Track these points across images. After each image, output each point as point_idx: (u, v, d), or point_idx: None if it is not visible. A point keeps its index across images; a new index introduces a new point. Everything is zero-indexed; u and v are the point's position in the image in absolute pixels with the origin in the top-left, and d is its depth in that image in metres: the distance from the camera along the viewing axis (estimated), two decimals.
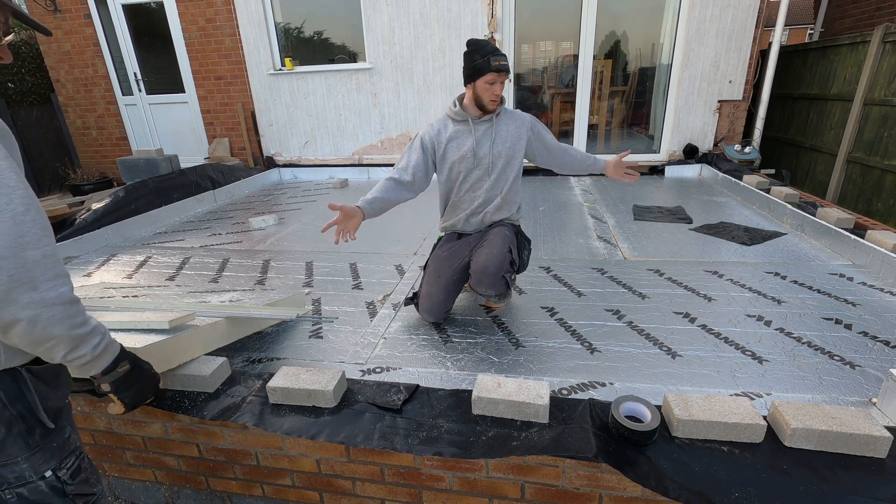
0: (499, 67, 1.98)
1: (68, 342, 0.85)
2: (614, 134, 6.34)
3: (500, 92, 2.06)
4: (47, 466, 0.92)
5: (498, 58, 1.99)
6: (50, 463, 0.92)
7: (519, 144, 2.17)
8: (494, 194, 2.22)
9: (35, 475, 0.90)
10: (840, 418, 1.30)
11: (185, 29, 6.04)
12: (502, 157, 2.15)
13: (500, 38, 5.34)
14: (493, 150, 2.14)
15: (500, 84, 2.03)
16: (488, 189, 2.20)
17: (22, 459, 0.88)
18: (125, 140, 6.85)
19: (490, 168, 2.17)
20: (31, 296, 0.76)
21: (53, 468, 0.92)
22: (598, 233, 3.54)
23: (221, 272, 3.07)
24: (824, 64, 5.31)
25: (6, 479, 0.88)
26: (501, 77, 2.01)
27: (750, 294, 2.46)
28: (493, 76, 1.99)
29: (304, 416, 1.53)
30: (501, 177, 2.19)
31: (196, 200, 4.78)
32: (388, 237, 3.58)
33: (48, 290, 0.78)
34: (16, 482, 0.88)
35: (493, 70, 1.98)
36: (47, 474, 0.91)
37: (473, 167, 2.18)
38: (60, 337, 0.83)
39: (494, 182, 2.19)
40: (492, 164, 2.16)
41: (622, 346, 2.04)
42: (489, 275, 2.07)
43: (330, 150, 6.27)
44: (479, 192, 2.22)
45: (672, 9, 5.19)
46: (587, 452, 1.28)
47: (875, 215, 4.43)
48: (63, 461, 0.94)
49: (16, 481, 0.88)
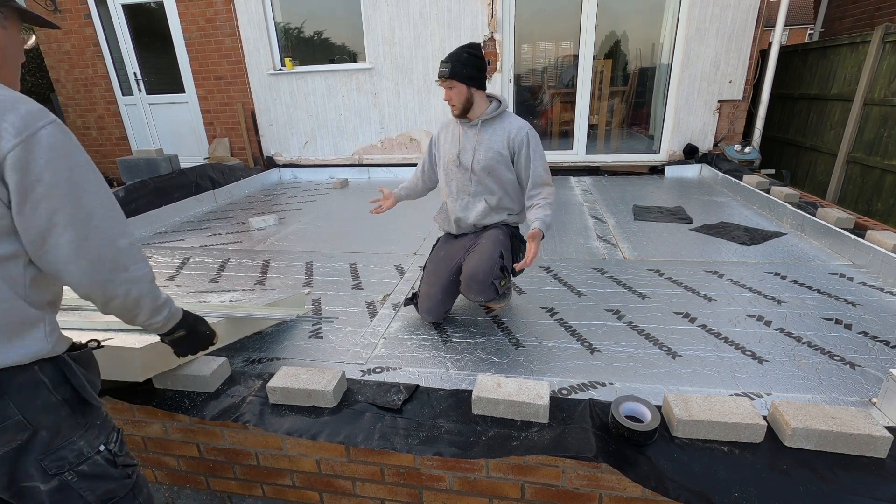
0: (438, 74, 2.00)
1: (148, 311, 1.04)
2: (614, 134, 6.34)
3: (450, 97, 2.03)
4: (99, 441, 1.00)
5: (440, 64, 2.00)
6: (100, 438, 1.01)
7: (501, 155, 2.09)
8: (478, 200, 2.19)
9: (92, 450, 0.98)
10: (840, 418, 1.30)
11: (185, 29, 6.04)
12: (481, 166, 2.10)
13: (499, 38, 5.34)
14: (474, 157, 2.11)
15: (448, 90, 2.01)
16: (472, 195, 2.19)
17: (77, 437, 0.96)
18: (125, 140, 6.85)
19: (471, 175, 2.15)
20: (125, 275, 0.95)
21: (104, 442, 1.01)
22: (599, 233, 3.54)
23: (221, 272, 3.07)
24: (824, 64, 5.31)
25: (67, 460, 0.95)
26: (444, 84, 2.00)
27: (750, 294, 2.46)
28: (439, 83, 2.02)
29: (304, 416, 1.53)
30: (484, 184, 2.15)
31: (196, 200, 4.78)
32: (388, 237, 3.58)
33: (136, 271, 0.97)
34: (76, 461, 0.96)
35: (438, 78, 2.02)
36: (101, 448, 1.00)
37: (458, 171, 2.18)
38: (144, 306, 1.02)
39: (478, 189, 2.17)
40: (471, 171, 2.13)
41: (622, 346, 2.04)
42: (478, 282, 2.06)
43: (330, 150, 6.27)
44: (464, 196, 2.21)
45: (672, 9, 5.19)
46: (587, 452, 1.28)
47: (875, 215, 4.43)
48: (108, 435, 1.04)
49: (76, 460, 0.96)
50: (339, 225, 4.03)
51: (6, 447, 0.89)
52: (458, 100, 2.03)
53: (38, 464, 0.93)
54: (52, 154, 0.84)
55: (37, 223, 0.85)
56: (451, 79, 1.97)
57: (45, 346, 0.92)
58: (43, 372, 0.93)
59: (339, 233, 3.80)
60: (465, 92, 2.01)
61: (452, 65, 1.96)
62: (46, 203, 0.84)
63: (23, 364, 0.90)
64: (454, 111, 2.08)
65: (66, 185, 0.86)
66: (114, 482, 1.02)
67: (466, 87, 2.00)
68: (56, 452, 0.94)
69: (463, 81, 1.99)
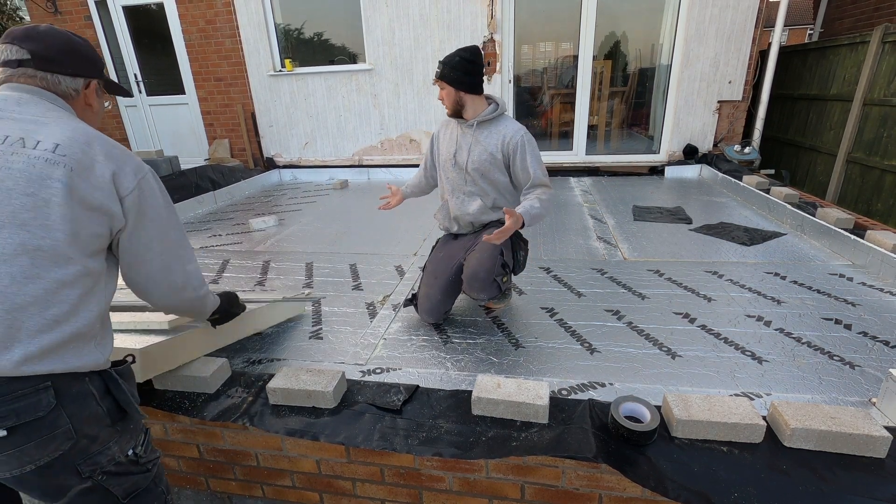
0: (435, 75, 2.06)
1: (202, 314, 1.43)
2: (614, 134, 6.35)
3: (441, 98, 2.07)
4: (129, 446, 1.09)
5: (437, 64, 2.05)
6: (131, 442, 1.10)
7: (495, 158, 2.10)
8: (474, 199, 2.20)
9: (122, 455, 1.07)
10: (839, 418, 1.30)
11: (186, 30, 6.05)
12: (475, 167, 2.13)
13: (499, 38, 5.34)
14: (469, 158, 2.13)
15: (440, 90, 2.06)
16: (468, 194, 2.20)
17: (113, 443, 1.05)
18: (125, 141, 6.85)
19: (465, 175, 2.17)
20: (193, 294, 1.28)
21: (133, 446, 1.10)
22: (598, 233, 3.54)
23: (222, 273, 3.07)
24: (824, 64, 5.31)
25: (100, 464, 1.02)
26: (436, 83, 2.06)
27: (750, 294, 2.46)
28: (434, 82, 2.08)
29: (304, 416, 1.53)
30: (479, 185, 2.17)
31: (196, 201, 4.78)
32: (388, 238, 3.59)
33: (199, 290, 1.30)
34: (107, 464, 1.03)
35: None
36: (129, 452, 1.09)
37: (453, 170, 2.20)
38: (202, 312, 1.41)
39: (472, 189, 2.19)
40: (466, 172, 2.16)
41: (622, 347, 2.04)
42: (479, 280, 2.06)
43: (330, 151, 6.28)
44: (460, 195, 2.23)
45: (671, 9, 5.19)
46: (587, 453, 1.28)
47: (875, 215, 4.43)
48: (138, 438, 1.12)
49: (108, 464, 1.03)
50: (339, 226, 4.04)
51: (50, 456, 0.94)
52: (448, 101, 2.08)
53: (75, 468, 0.98)
54: (153, 196, 1.10)
55: (138, 248, 1.08)
56: (440, 80, 2.04)
57: (100, 357, 1.03)
58: (92, 383, 1.01)
59: (339, 234, 3.80)
60: (454, 95, 2.05)
61: (443, 68, 2.01)
62: (146, 233, 1.09)
63: (79, 373, 0.98)
64: (447, 110, 2.14)
65: (161, 220, 1.11)
66: (139, 476, 1.11)
67: (455, 91, 2.04)
68: (93, 458, 1.00)
69: (451, 84, 2.02)
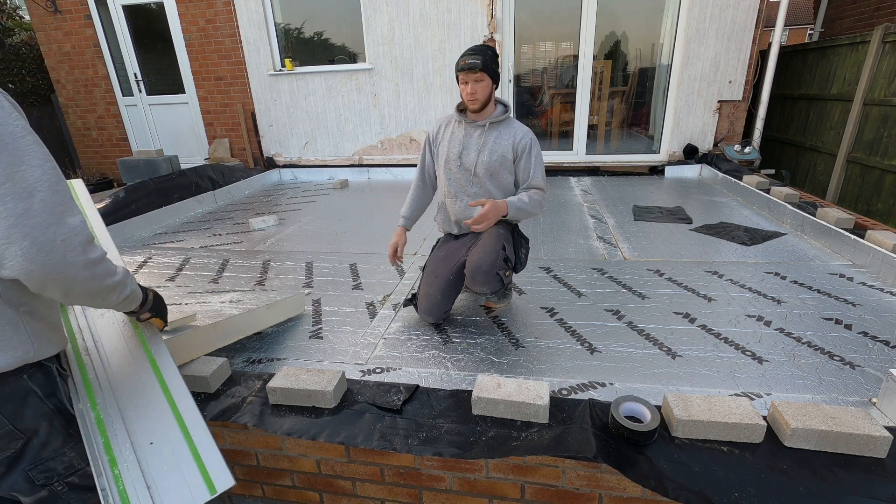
0: (464, 66, 1.95)
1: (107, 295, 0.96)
2: (614, 134, 6.34)
3: (475, 91, 1.99)
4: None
5: (465, 57, 1.95)
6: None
7: (506, 159, 2.11)
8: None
9: (83, 462, 0.95)
10: (840, 418, 1.30)
11: (186, 30, 6.05)
12: (485, 168, 2.11)
13: (499, 38, 5.34)
14: (478, 158, 2.11)
15: (474, 83, 1.98)
16: (472, 196, 2.18)
17: (68, 450, 0.93)
18: (125, 141, 6.85)
19: (473, 177, 2.15)
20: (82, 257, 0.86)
21: None
22: (598, 233, 3.54)
23: (221, 273, 3.07)
24: (824, 64, 5.31)
25: (56, 472, 0.92)
26: (470, 76, 1.96)
27: (750, 294, 2.46)
28: (464, 75, 1.98)
29: (305, 416, 1.53)
30: (485, 187, 2.16)
31: (196, 201, 4.78)
32: (387, 238, 3.56)
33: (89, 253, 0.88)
34: (66, 472, 0.93)
35: (460, 70, 1.97)
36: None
37: (458, 171, 2.18)
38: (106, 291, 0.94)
39: (478, 191, 2.17)
40: (474, 173, 2.14)
41: (622, 347, 2.04)
42: (482, 272, 2.05)
43: (330, 150, 6.28)
44: (463, 197, 2.21)
45: (672, 9, 5.19)
46: (587, 453, 1.28)
47: (875, 215, 4.43)
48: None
49: (65, 472, 0.93)
50: (338, 225, 4.03)
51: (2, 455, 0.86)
52: (484, 94, 2.01)
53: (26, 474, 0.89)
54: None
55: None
56: (482, 71, 1.95)
57: (30, 348, 0.86)
58: (33, 380, 0.88)
59: (339, 233, 3.80)
60: (490, 87, 2.02)
61: (483, 58, 1.94)
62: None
63: (9, 371, 0.84)
64: (474, 105, 2.04)
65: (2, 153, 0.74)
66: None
67: (492, 83, 2.01)
68: (45, 463, 0.90)
69: (491, 76, 1.99)
